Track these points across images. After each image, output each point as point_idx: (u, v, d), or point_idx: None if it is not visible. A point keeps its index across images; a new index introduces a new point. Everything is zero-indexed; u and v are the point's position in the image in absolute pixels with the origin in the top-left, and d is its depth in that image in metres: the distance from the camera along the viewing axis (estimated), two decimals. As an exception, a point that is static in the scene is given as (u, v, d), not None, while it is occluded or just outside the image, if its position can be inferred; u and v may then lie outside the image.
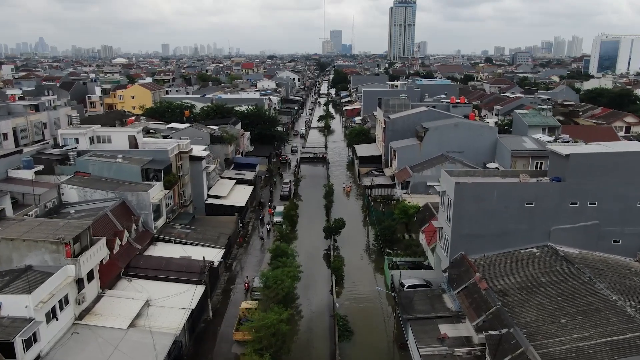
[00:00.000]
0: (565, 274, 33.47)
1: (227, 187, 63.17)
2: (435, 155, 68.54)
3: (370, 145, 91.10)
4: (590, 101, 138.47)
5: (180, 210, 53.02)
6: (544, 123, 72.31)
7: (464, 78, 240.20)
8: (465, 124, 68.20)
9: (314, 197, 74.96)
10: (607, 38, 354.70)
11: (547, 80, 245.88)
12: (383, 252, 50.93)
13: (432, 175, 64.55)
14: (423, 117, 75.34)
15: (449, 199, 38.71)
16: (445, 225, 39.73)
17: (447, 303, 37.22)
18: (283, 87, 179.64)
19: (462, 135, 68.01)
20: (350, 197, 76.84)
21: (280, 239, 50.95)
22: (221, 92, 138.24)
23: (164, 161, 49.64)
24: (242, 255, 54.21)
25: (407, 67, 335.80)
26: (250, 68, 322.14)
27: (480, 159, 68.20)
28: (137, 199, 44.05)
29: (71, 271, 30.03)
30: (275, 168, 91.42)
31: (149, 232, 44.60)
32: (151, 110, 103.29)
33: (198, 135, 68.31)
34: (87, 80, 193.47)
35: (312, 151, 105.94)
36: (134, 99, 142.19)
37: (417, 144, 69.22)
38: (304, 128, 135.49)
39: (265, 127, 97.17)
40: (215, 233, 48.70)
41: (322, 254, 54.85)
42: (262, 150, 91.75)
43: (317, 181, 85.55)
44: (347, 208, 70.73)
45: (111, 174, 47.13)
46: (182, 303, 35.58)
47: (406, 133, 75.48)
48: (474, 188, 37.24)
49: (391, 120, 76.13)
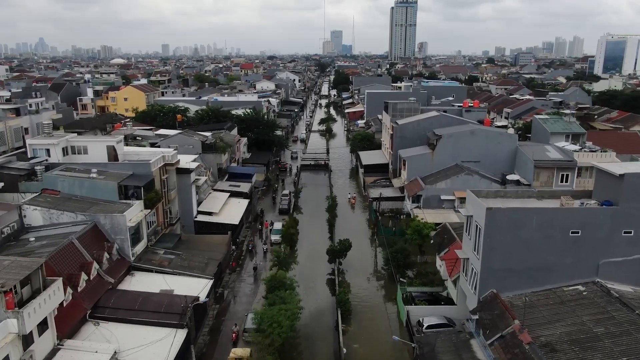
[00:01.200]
0: (625, 323, 27.34)
1: (220, 201, 57.02)
2: (449, 165, 62.43)
3: (376, 152, 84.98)
4: (603, 103, 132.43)
5: (165, 230, 46.89)
6: (568, 130, 66.13)
7: (468, 79, 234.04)
8: (482, 131, 62.07)
9: (315, 209, 68.88)
10: (613, 38, 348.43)
11: (553, 81, 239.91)
12: (395, 279, 44.78)
13: (446, 188, 58.51)
14: (434, 123, 69.21)
15: (477, 226, 32.57)
16: (473, 257, 33.59)
17: (476, 352, 31.07)
18: (283, 89, 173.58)
19: (478, 143, 61.88)
20: (355, 209, 70.69)
21: (277, 264, 44.79)
22: (217, 94, 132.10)
23: (146, 176, 43.49)
24: (234, 282, 47.94)
25: (409, 67, 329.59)
26: (249, 69, 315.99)
27: (498, 170, 62.07)
28: (112, 222, 37.92)
29: (13, 326, 23.91)
30: (273, 177, 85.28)
31: (126, 260, 38.46)
32: (142, 114, 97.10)
33: (188, 143, 62.17)
34: (80, 82, 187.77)
35: (313, 157, 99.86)
36: (127, 101, 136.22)
37: (428, 153, 63.06)
38: (304, 132, 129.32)
39: (263, 132, 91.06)
40: (203, 259, 42.56)
41: (325, 279, 48.70)
42: (259, 157, 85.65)
43: (318, 191, 79.45)
44: (352, 222, 64.58)
45: (83, 192, 40.96)
46: (159, 354, 29.48)
47: (416, 140, 69.37)
48: (509, 214, 31.11)
49: (399, 126, 70.01)
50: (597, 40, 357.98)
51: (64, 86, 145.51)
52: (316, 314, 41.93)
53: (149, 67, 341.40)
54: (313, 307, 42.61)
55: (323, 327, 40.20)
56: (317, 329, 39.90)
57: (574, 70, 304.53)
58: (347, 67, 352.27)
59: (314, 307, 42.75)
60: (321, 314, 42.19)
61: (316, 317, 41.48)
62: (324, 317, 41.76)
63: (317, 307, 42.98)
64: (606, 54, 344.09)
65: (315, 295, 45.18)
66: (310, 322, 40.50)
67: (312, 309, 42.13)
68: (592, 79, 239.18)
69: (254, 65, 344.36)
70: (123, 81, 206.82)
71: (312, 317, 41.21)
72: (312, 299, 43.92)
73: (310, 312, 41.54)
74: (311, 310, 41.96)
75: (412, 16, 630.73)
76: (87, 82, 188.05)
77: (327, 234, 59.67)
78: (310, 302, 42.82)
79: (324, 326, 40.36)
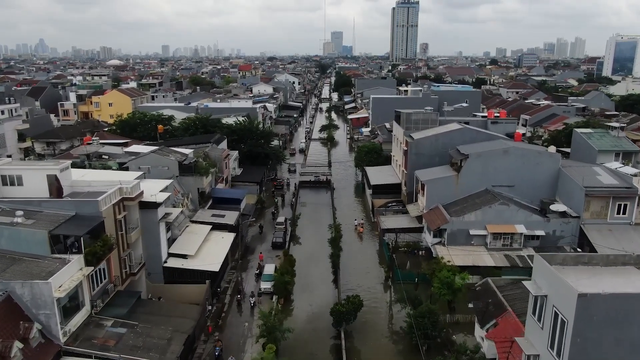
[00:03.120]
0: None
1: (199, 237, 46.28)
2: (477, 190, 51.78)
3: (385, 168, 74.26)
4: (627, 109, 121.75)
5: (122, 286, 36.18)
6: (617, 147, 55.50)
7: (475, 81, 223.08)
8: (517, 149, 51.34)
9: (316, 239, 58.43)
10: (623, 39, 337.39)
11: (563, 83, 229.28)
12: (421, 351, 34.03)
13: (476, 221, 47.81)
14: (456, 138, 58.54)
15: (557, 315, 21.85)
16: (547, 355, 22.82)
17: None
18: (281, 92, 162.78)
19: (513, 164, 51.20)
20: (364, 239, 59.99)
21: (265, 333, 34.07)
22: (209, 100, 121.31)
23: (91, 218, 32.79)
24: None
25: (413, 69, 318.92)
26: (247, 70, 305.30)
27: (536, 196, 51.49)
28: (32, 293, 27.27)
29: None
30: (268, 197, 74.45)
31: (53, 343, 27.78)
32: (121, 123, 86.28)
33: (163, 164, 51.47)
34: (66, 85, 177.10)
35: (314, 172, 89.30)
36: (111, 107, 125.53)
37: (452, 176, 52.33)
38: (303, 141, 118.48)
39: (257, 144, 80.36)
40: (166, 331, 31.85)
41: (328, 346, 37.95)
42: (252, 174, 74.93)
43: (319, 213, 68.91)
44: (361, 259, 53.87)
45: (2, 244, 30.33)
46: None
47: (434, 157, 58.74)
48: (613, 304, 20.37)
49: (415, 142, 59.30)
50: (605, 41, 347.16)
51: (44, 90, 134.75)
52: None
53: (145, 69, 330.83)
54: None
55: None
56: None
57: (584, 72, 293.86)
58: (348, 69, 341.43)
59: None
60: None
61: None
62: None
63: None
64: (615, 55, 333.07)
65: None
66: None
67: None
68: (605, 81, 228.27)
69: (253, 67, 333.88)
70: (114, 84, 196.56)
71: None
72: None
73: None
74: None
75: (414, 17, 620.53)
76: (73, 85, 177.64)
77: (330, 275, 48.93)
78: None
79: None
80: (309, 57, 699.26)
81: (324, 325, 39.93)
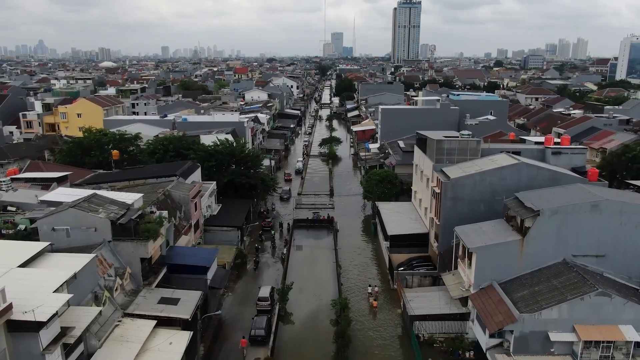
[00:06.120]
0: None
1: (132, 348, 29.58)
2: (550, 261, 35.18)
3: (404, 206, 57.64)
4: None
5: None
6: None
7: (487, 86, 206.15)
8: (613, 204, 34.59)
9: (313, 315, 42.05)
10: (638, 40, 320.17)
11: (581, 87, 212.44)
12: None
13: (559, 320, 31.13)
14: (509, 177, 41.97)
15: None
16: None
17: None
18: (277, 99, 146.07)
19: (605, 224, 34.66)
20: (379, 314, 43.31)
21: None
22: (190, 112, 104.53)
23: None
24: None
25: (419, 72, 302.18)
26: (244, 73, 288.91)
27: (635, 270, 35.00)
28: None
29: None
30: (250, 249, 57.17)
31: None
32: (74, 145, 69.33)
33: (88, 224, 34.74)
34: (38, 91, 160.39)
35: (312, 203, 72.87)
36: (80, 118, 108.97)
37: (515, 241, 35.62)
38: (301, 159, 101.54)
39: (241, 172, 63.70)
40: None
41: None
42: (233, 213, 58.23)
43: (319, 265, 52.81)
44: (378, 352, 37.23)
45: None
46: None
47: (478, 204, 42.20)
48: None
49: (452, 183, 42.62)
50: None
51: (5, 99, 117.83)
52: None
53: (136, 72, 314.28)
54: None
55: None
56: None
57: (603, 76, 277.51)
58: (349, 71, 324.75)
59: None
60: None
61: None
62: None
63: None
64: (630, 57, 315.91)
65: None
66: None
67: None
68: (627, 85, 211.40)
69: (249, 69, 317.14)
70: (101, 88, 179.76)
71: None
72: None
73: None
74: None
75: (416, 17, 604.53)
76: (48, 91, 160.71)
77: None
78: None
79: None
80: (309, 58, 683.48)
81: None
